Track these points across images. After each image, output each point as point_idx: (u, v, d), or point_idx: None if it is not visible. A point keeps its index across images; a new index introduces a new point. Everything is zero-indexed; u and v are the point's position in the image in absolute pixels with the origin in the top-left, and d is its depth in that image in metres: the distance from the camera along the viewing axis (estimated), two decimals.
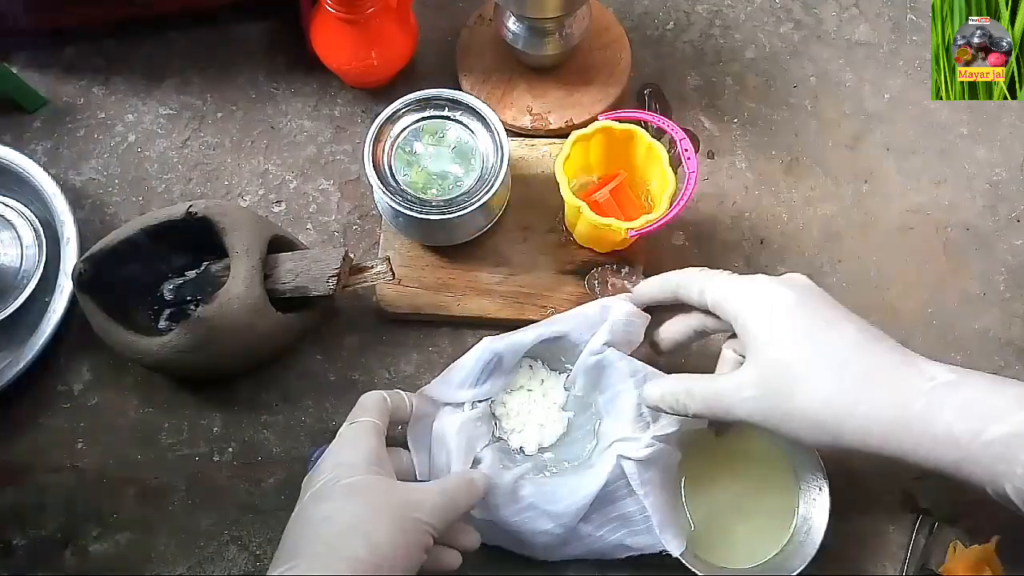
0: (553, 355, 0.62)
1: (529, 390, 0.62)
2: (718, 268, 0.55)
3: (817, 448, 0.47)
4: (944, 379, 0.43)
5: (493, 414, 0.61)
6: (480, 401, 0.60)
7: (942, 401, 0.42)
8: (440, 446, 0.57)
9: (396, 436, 0.57)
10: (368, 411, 0.54)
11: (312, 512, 0.48)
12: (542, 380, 0.62)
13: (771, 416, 0.46)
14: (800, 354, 0.46)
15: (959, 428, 0.41)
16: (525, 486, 0.57)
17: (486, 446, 0.59)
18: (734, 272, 0.53)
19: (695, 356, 0.65)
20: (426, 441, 0.58)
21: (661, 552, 0.56)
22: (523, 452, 0.61)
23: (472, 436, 0.58)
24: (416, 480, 0.57)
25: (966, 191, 0.72)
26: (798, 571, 0.56)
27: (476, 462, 0.57)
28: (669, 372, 0.56)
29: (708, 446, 0.62)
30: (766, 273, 0.52)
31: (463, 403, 0.59)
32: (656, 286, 0.57)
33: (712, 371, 0.55)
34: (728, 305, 0.50)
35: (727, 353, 0.54)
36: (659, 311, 0.59)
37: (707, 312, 0.53)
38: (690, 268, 0.55)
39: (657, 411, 0.56)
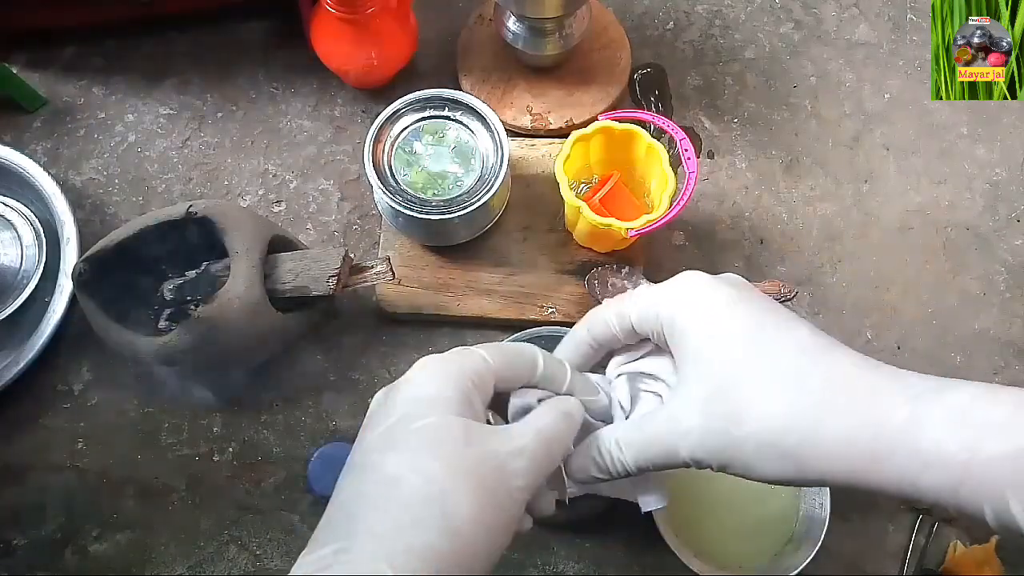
0: None
1: None
2: (718, 269, 0.47)
3: (778, 483, 0.38)
4: (925, 386, 0.36)
5: None
6: None
7: (927, 412, 0.34)
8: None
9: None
10: (492, 350, 0.40)
11: (376, 462, 0.36)
12: None
13: (721, 449, 0.37)
14: (747, 364, 0.37)
15: (952, 445, 0.33)
16: None
17: None
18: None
19: None
20: None
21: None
22: None
23: None
24: None
25: (966, 191, 0.72)
26: (798, 571, 0.56)
27: None
28: None
29: None
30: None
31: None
32: (584, 350, 0.44)
33: None
34: (661, 310, 0.40)
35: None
36: None
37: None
38: (595, 310, 0.44)
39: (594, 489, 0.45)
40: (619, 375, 0.45)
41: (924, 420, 0.34)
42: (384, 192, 0.62)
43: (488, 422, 0.40)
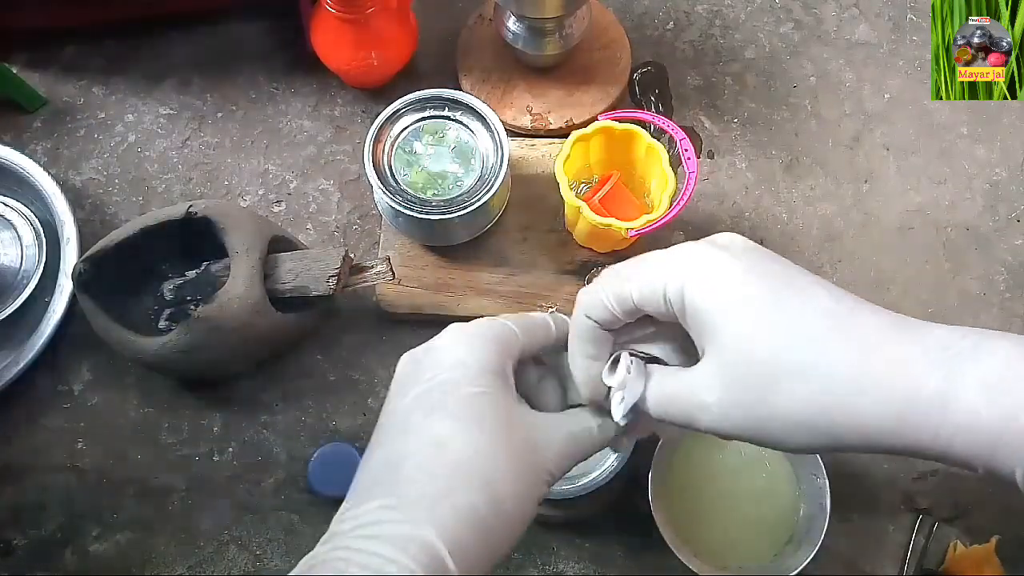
0: None
1: None
2: None
3: (806, 452, 0.39)
4: (958, 347, 0.34)
5: None
6: None
7: (962, 375, 0.33)
8: None
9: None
10: (514, 319, 0.42)
11: (419, 425, 0.37)
12: None
13: (744, 426, 0.36)
14: (767, 340, 0.36)
15: (986, 412, 0.32)
16: None
17: None
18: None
19: None
20: None
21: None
22: None
23: None
24: None
25: (966, 191, 0.72)
26: (798, 571, 0.56)
27: None
28: None
29: (706, 445, 0.62)
30: None
31: None
32: (588, 333, 0.41)
33: None
34: (668, 287, 0.37)
35: None
36: None
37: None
38: (585, 292, 0.41)
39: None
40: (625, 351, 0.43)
41: (958, 386, 0.33)
42: (384, 192, 0.62)
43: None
